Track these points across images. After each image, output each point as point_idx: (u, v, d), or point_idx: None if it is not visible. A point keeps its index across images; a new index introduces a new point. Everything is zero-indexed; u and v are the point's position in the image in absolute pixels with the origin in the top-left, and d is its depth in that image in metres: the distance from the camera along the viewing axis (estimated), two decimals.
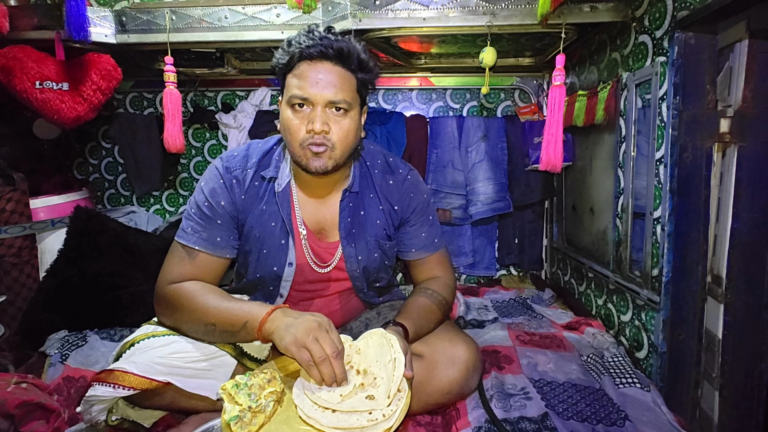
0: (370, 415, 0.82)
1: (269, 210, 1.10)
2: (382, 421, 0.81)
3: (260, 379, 0.86)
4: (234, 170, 1.09)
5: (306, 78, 0.96)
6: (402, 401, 0.86)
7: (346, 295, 1.21)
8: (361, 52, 1.01)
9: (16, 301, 1.65)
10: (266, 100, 2.28)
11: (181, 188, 2.44)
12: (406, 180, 1.18)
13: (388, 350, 0.91)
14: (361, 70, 1.01)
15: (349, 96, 0.99)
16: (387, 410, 0.83)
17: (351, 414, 0.82)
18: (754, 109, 1.14)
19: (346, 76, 0.99)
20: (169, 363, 0.93)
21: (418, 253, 1.20)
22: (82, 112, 1.64)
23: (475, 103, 2.30)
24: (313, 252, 1.13)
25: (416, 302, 1.10)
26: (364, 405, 0.83)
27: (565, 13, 1.41)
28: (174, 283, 1.03)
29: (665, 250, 1.26)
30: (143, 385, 0.89)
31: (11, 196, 1.64)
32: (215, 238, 1.07)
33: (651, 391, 1.18)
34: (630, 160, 1.45)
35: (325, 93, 0.96)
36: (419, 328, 1.05)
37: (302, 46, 0.96)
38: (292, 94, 0.98)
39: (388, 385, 0.86)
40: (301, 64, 0.98)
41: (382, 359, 0.91)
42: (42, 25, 1.55)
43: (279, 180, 1.10)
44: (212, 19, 1.58)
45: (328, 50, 0.96)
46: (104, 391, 0.88)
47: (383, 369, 0.90)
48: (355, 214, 1.14)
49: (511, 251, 2.27)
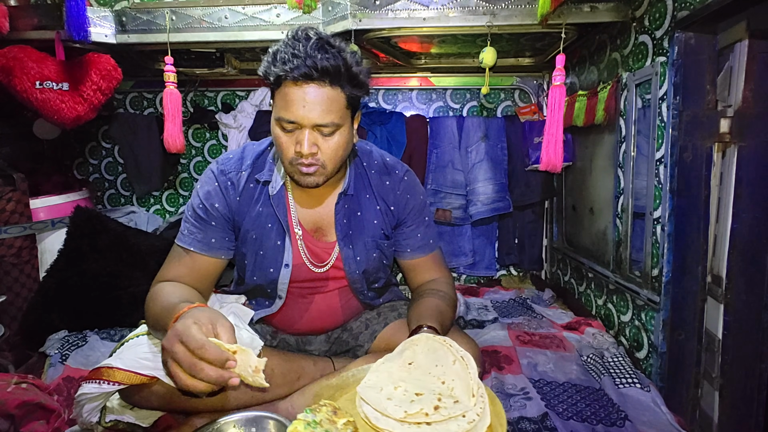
0: (464, 417, 0.79)
1: (265, 212, 1.10)
2: (480, 421, 0.79)
3: (325, 413, 0.81)
4: (228, 173, 1.09)
5: (292, 100, 0.93)
6: (485, 398, 0.83)
7: (346, 292, 1.21)
8: (351, 65, 0.94)
9: (16, 301, 1.65)
10: (266, 100, 2.28)
11: (181, 188, 2.44)
12: (403, 181, 1.18)
13: (447, 352, 0.89)
14: (351, 84, 0.96)
15: (336, 117, 0.95)
16: (476, 409, 0.80)
17: (449, 421, 0.78)
18: (754, 109, 1.14)
19: (333, 95, 0.94)
20: (156, 358, 0.92)
21: (414, 253, 1.20)
22: (82, 112, 1.64)
23: (475, 103, 2.30)
24: (309, 252, 1.13)
25: (434, 304, 1.09)
26: (455, 409, 0.79)
27: (565, 13, 1.41)
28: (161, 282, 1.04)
29: (665, 250, 1.26)
30: (129, 380, 0.88)
31: (11, 196, 1.64)
32: (210, 239, 1.08)
33: (651, 391, 1.18)
34: (630, 160, 1.45)
35: (311, 116, 0.93)
36: (444, 329, 1.04)
37: (286, 68, 0.91)
38: (279, 115, 0.95)
39: (467, 385, 0.83)
40: (286, 84, 0.93)
41: (443, 362, 0.89)
42: (42, 25, 1.55)
43: (273, 183, 1.10)
44: (212, 19, 1.58)
45: (312, 72, 0.90)
46: (92, 388, 0.88)
47: (450, 371, 0.87)
48: (352, 215, 1.14)
49: (511, 251, 2.27)
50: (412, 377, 0.89)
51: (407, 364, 0.92)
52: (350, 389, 0.96)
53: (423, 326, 0.99)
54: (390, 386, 0.87)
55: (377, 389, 0.87)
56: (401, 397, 0.84)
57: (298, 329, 1.21)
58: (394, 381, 0.89)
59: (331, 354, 1.22)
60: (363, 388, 0.88)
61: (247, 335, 1.02)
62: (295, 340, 1.23)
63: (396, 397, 0.84)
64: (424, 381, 0.88)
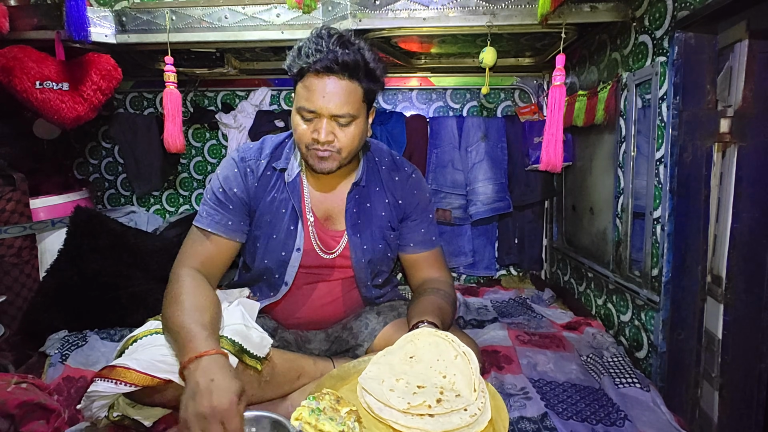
0: (466, 411, 0.80)
1: (280, 197, 1.16)
2: (481, 415, 0.80)
3: (328, 401, 0.82)
4: (248, 160, 1.16)
5: (313, 91, 1.00)
6: (486, 393, 0.85)
7: (349, 284, 1.24)
8: (369, 61, 1.03)
9: (16, 301, 1.64)
10: (266, 100, 2.28)
11: (181, 188, 2.44)
12: (411, 177, 1.25)
13: (448, 346, 0.91)
14: (369, 79, 1.04)
15: (353, 108, 1.02)
16: (478, 403, 0.81)
17: (451, 414, 0.79)
18: (754, 109, 1.14)
19: (351, 88, 1.02)
20: (171, 361, 0.93)
21: (416, 248, 1.25)
22: (82, 112, 1.64)
23: (475, 103, 2.30)
24: (319, 238, 1.18)
25: (435, 302, 1.12)
26: (457, 402, 0.81)
27: (565, 13, 1.41)
28: (186, 267, 1.07)
29: (665, 250, 1.26)
30: (145, 382, 0.89)
31: (11, 196, 1.64)
32: (227, 221, 1.13)
33: (651, 391, 1.18)
34: (630, 160, 1.45)
35: (330, 107, 1.00)
36: (444, 327, 1.06)
37: (309, 60, 0.99)
38: (300, 105, 1.03)
39: (469, 380, 0.84)
40: (308, 76, 1.01)
41: (444, 357, 0.90)
42: (42, 25, 1.55)
43: (289, 171, 1.16)
44: (212, 19, 1.58)
45: (333, 65, 0.98)
46: (106, 387, 0.88)
47: (452, 366, 0.88)
48: (362, 205, 1.19)
49: (511, 251, 2.27)
50: (414, 371, 0.91)
51: (408, 358, 0.93)
52: (351, 380, 0.98)
53: (424, 321, 1.01)
54: (392, 378, 0.88)
55: (379, 381, 0.88)
56: (404, 389, 0.85)
57: (298, 319, 1.22)
58: (395, 374, 0.90)
59: (331, 353, 1.22)
60: (365, 379, 0.89)
61: (256, 335, 1.03)
62: (294, 338, 1.23)
63: (398, 389, 0.85)
64: (426, 375, 0.89)
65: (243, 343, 1.02)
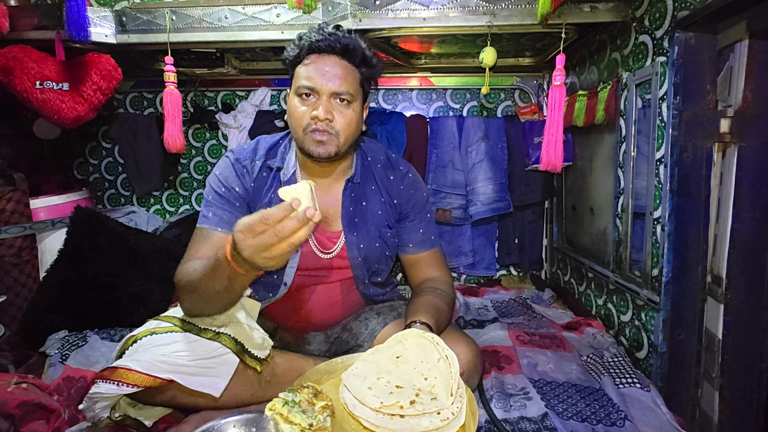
0: (439, 415, 0.80)
1: (277, 198, 1.14)
2: (453, 419, 0.80)
3: (306, 395, 0.83)
4: (243, 161, 1.16)
5: (314, 69, 1.04)
6: (464, 398, 0.85)
7: (348, 285, 1.23)
8: (365, 49, 1.09)
9: (16, 301, 1.65)
10: (266, 100, 2.28)
11: (181, 188, 2.44)
12: (406, 177, 1.24)
13: (433, 349, 0.91)
14: (365, 65, 1.10)
15: (352, 88, 1.06)
16: (453, 408, 0.81)
17: (422, 417, 0.79)
18: (754, 109, 1.14)
19: (350, 69, 1.07)
20: (172, 361, 0.93)
21: (415, 248, 1.24)
22: (82, 112, 1.64)
23: (475, 103, 2.30)
24: (316, 239, 1.17)
25: (431, 301, 1.11)
26: (431, 406, 0.81)
27: (565, 13, 1.41)
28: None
29: (665, 250, 1.26)
30: (147, 383, 0.89)
31: (11, 196, 1.64)
32: (233, 219, 1.10)
33: (651, 391, 1.18)
34: (630, 160, 1.45)
35: (330, 84, 1.03)
36: (439, 327, 1.06)
37: (312, 39, 1.05)
38: (300, 84, 1.05)
39: (448, 383, 0.84)
40: (309, 57, 1.06)
41: (429, 359, 0.90)
42: (42, 25, 1.55)
43: (285, 170, 1.16)
44: (212, 19, 1.58)
45: (335, 44, 1.04)
46: (108, 389, 0.89)
47: (434, 369, 0.88)
48: (357, 203, 1.19)
49: (511, 251, 2.27)
50: (399, 370, 0.91)
51: (395, 358, 0.94)
52: (337, 375, 0.99)
53: (416, 321, 1.02)
54: (374, 376, 0.89)
55: (361, 378, 0.89)
56: (382, 388, 0.86)
57: (297, 321, 1.22)
58: (379, 372, 0.91)
59: (331, 354, 1.22)
60: (348, 375, 0.90)
61: (258, 336, 1.04)
62: (294, 339, 1.23)
63: (377, 387, 0.86)
64: (408, 375, 0.90)
65: (245, 344, 1.03)
